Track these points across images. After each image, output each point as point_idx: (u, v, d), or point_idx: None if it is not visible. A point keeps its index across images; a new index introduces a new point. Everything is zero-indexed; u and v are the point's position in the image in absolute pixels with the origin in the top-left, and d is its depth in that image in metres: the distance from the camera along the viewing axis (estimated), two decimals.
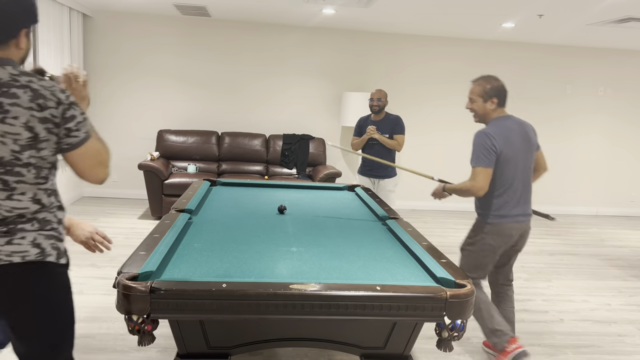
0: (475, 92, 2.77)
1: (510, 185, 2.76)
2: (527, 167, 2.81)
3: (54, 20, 5.39)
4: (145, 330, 1.74)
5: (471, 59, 6.98)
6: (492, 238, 2.81)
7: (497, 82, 2.75)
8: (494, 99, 2.74)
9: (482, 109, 2.78)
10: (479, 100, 2.76)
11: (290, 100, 6.82)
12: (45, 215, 1.60)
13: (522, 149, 2.75)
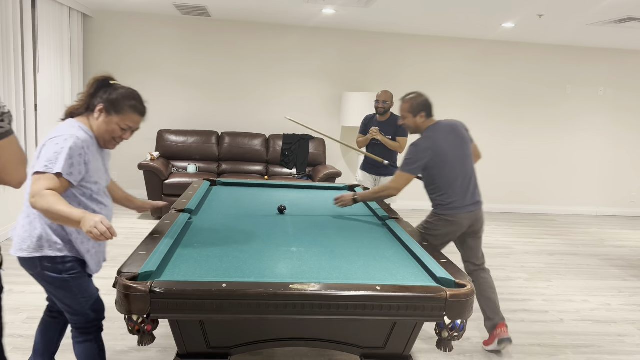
0: (405, 110, 3.05)
1: (455, 181, 2.98)
2: (465, 161, 3.03)
3: (54, 20, 5.39)
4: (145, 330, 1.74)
5: (471, 59, 6.98)
6: (444, 227, 3.02)
7: (421, 97, 3.04)
8: (422, 112, 3.02)
9: (414, 123, 3.05)
10: (409, 116, 3.04)
11: (290, 101, 6.82)
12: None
13: (457, 147, 3.02)
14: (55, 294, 2.04)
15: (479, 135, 7.15)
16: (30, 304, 3.38)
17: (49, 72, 5.35)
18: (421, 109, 3.01)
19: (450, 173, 2.96)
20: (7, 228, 4.75)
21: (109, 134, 2.04)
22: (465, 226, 3.03)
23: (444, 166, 2.94)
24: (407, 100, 3.03)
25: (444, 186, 2.97)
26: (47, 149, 1.91)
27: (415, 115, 3.02)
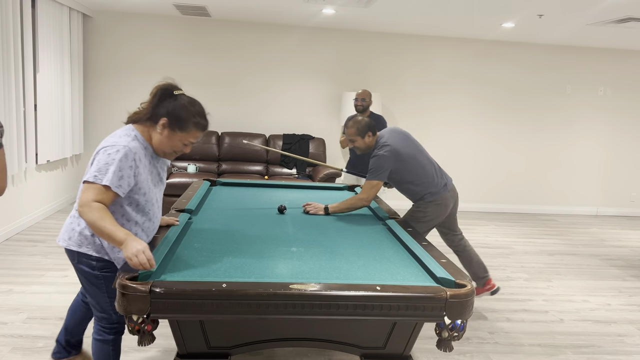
0: (352, 134, 3.28)
1: (425, 169, 3.30)
2: (422, 151, 3.38)
3: (54, 20, 5.38)
4: (145, 330, 1.74)
5: (471, 59, 6.98)
6: (434, 211, 3.32)
7: (364, 119, 3.28)
8: (369, 132, 3.27)
9: (364, 144, 3.29)
10: (358, 139, 3.28)
11: (290, 100, 6.82)
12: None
13: (409, 142, 3.32)
14: (86, 288, 2.12)
15: (478, 135, 7.16)
16: (31, 304, 3.38)
17: (49, 72, 5.35)
18: (367, 130, 3.26)
19: (418, 164, 3.27)
20: (6, 228, 4.75)
21: (170, 148, 2.05)
22: (450, 205, 3.37)
23: (410, 161, 3.24)
24: (352, 126, 3.27)
25: (420, 176, 3.27)
26: (99, 158, 1.93)
27: (363, 136, 3.26)
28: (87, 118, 6.55)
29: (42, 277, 3.86)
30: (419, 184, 3.28)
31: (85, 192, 1.87)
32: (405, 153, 3.22)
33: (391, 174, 3.24)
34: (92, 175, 1.89)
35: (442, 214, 3.36)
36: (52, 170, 5.77)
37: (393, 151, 3.18)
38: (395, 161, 3.19)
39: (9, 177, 4.73)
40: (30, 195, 5.21)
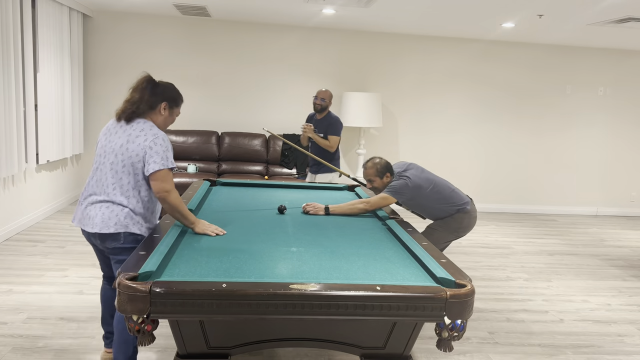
0: (371, 174, 3.40)
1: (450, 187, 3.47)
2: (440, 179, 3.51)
3: (54, 20, 5.38)
4: (145, 330, 1.74)
5: (471, 59, 6.98)
6: (468, 222, 3.48)
7: (382, 160, 3.43)
8: (387, 173, 3.39)
9: (382, 184, 3.40)
10: (377, 179, 3.40)
11: (290, 100, 6.82)
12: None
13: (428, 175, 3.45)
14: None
15: (478, 135, 7.16)
16: (31, 304, 3.38)
17: (49, 72, 5.35)
18: (386, 171, 3.38)
19: (442, 182, 3.46)
20: (6, 228, 4.75)
21: (170, 123, 2.57)
22: (475, 220, 3.52)
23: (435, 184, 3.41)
24: (371, 167, 3.40)
25: (449, 192, 3.44)
26: (156, 149, 2.33)
27: (382, 177, 3.38)
28: (87, 118, 6.55)
29: (42, 277, 3.86)
30: (449, 205, 3.43)
31: (165, 179, 2.31)
32: (425, 186, 3.36)
33: (416, 200, 3.40)
34: (161, 164, 2.31)
35: (471, 226, 3.51)
36: (52, 170, 5.77)
37: (414, 183, 3.32)
38: (414, 191, 3.32)
39: (8, 177, 4.73)
40: (30, 195, 5.21)
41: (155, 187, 2.31)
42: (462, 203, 3.44)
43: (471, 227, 3.51)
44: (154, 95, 2.45)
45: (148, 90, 2.46)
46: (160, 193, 2.31)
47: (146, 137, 2.35)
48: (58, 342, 2.90)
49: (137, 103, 2.43)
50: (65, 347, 2.85)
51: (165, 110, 2.48)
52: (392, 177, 3.40)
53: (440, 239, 3.47)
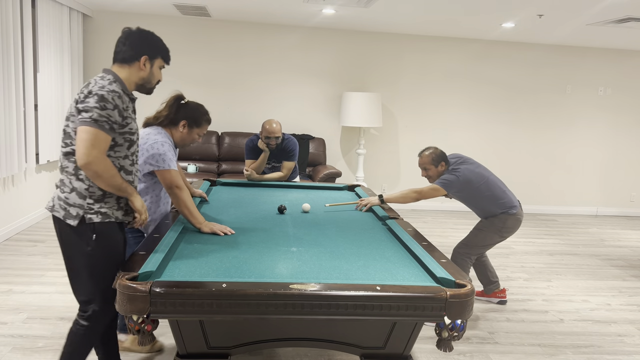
0: (427, 162, 3.48)
1: (501, 187, 3.55)
2: (492, 175, 3.60)
3: (54, 20, 5.38)
4: (145, 330, 1.74)
5: (471, 59, 6.98)
6: (513, 224, 3.54)
7: (438, 149, 3.50)
8: (442, 162, 3.48)
9: (436, 172, 3.49)
10: (432, 168, 3.48)
11: (290, 100, 6.81)
12: (64, 177, 2.04)
13: (481, 170, 3.52)
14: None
15: (478, 135, 7.15)
16: (31, 304, 3.38)
17: (49, 72, 5.35)
18: (441, 160, 3.47)
19: (494, 180, 3.52)
20: (6, 228, 4.75)
21: (189, 141, 2.74)
22: (520, 223, 3.58)
23: (487, 181, 3.48)
24: (427, 155, 3.48)
25: (500, 190, 3.51)
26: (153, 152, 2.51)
27: (437, 165, 3.47)
28: None
29: (42, 277, 3.86)
30: (497, 205, 3.50)
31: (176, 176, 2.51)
32: (476, 181, 3.44)
33: (464, 192, 3.48)
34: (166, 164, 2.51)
35: (515, 228, 3.57)
36: (52, 170, 5.77)
37: (465, 177, 3.40)
38: (463, 185, 3.41)
39: (8, 177, 4.73)
40: (30, 195, 5.21)
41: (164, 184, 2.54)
42: (510, 206, 3.51)
43: (515, 229, 3.57)
44: (177, 112, 2.67)
45: (174, 107, 2.68)
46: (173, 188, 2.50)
47: (147, 140, 2.56)
48: (58, 342, 2.90)
49: (161, 116, 2.68)
50: None
51: (185, 128, 2.68)
52: (447, 167, 3.48)
53: (486, 239, 3.57)
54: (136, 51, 2.13)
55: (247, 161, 4.14)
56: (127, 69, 2.12)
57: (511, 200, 3.54)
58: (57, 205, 2.04)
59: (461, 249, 3.63)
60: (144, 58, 2.15)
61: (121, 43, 2.12)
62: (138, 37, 2.17)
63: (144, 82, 2.19)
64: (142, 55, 2.14)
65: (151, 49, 2.21)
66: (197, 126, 2.71)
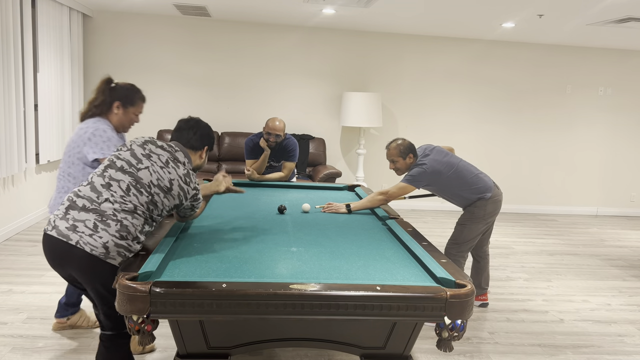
0: (394, 155, 3.39)
1: (472, 172, 3.47)
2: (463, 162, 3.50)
3: (54, 20, 5.38)
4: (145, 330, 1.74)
5: (471, 59, 6.98)
6: (493, 207, 3.50)
7: (406, 141, 3.42)
8: (410, 154, 3.40)
9: (404, 165, 3.42)
10: (400, 160, 3.40)
11: (290, 100, 6.82)
12: (129, 225, 2.01)
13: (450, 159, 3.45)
14: None
15: (478, 135, 7.15)
16: (31, 304, 3.38)
17: (49, 72, 5.35)
18: (409, 152, 3.39)
19: (465, 167, 3.45)
20: (6, 228, 4.75)
21: (128, 122, 2.69)
22: (501, 203, 3.55)
23: (457, 168, 3.41)
24: (395, 147, 3.39)
25: (471, 175, 3.44)
26: (95, 140, 2.51)
27: (405, 157, 3.39)
28: None
29: (42, 277, 3.86)
30: (471, 191, 3.44)
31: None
32: (445, 171, 3.37)
33: (436, 185, 3.43)
34: (100, 153, 2.52)
35: (496, 211, 3.54)
36: (52, 170, 5.77)
37: (432, 169, 3.34)
38: (432, 177, 3.35)
39: (8, 177, 4.73)
40: (30, 195, 5.21)
41: None
42: (485, 189, 3.45)
43: (497, 211, 3.54)
44: (109, 95, 2.63)
45: (107, 92, 2.64)
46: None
47: (87, 130, 2.55)
48: (58, 342, 2.90)
49: (97, 104, 2.63)
50: (65, 347, 2.85)
51: (120, 109, 2.63)
52: (415, 159, 3.41)
53: (472, 232, 3.51)
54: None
55: (248, 161, 4.17)
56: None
57: (486, 183, 3.47)
58: (113, 252, 1.97)
59: (452, 249, 3.57)
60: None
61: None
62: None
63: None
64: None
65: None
66: (132, 105, 2.66)
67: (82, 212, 2.00)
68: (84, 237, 1.96)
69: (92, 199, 2.02)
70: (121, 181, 2.04)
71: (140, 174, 2.07)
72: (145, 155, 2.12)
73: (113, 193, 2.02)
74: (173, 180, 2.10)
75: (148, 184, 2.06)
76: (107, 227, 1.97)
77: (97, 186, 2.05)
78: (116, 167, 2.09)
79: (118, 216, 1.99)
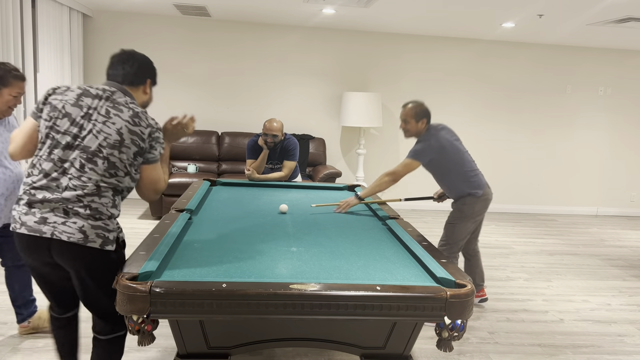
0: (409, 115, 3.34)
1: (474, 164, 3.48)
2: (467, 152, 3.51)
3: (54, 20, 5.38)
4: (145, 330, 1.74)
5: (471, 59, 6.98)
6: (481, 206, 3.46)
7: (424, 106, 3.37)
8: (424, 119, 3.35)
9: (415, 128, 3.37)
10: (412, 121, 3.35)
11: (290, 100, 6.82)
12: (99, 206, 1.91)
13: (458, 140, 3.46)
14: None
15: (478, 135, 7.15)
16: None
17: (49, 72, 5.35)
18: (424, 116, 3.33)
19: (468, 158, 3.42)
20: None
21: (4, 105, 2.57)
22: (489, 202, 3.51)
23: (461, 155, 3.37)
24: (412, 108, 3.33)
25: (470, 168, 3.41)
26: None
27: (418, 121, 3.33)
28: None
29: None
30: (466, 184, 3.40)
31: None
32: (450, 150, 3.32)
33: (437, 164, 3.36)
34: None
35: (485, 209, 3.51)
36: None
37: (439, 144, 3.28)
38: (437, 153, 3.28)
39: None
40: None
41: None
42: (478, 186, 3.41)
43: (485, 210, 3.53)
44: None
45: None
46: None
47: None
48: None
49: None
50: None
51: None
52: (427, 127, 3.36)
53: (462, 231, 3.47)
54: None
55: (248, 161, 4.20)
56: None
57: (480, 181, 3.44)
58: (92, 235, 1.89)
59: (445, 251, 3.53)
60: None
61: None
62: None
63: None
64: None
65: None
66: (5, 85, 2.52)
67: (45, 203, 1.87)
68: (57, 227, 1.86)
69: (51, 188, 1.89)
70: (73, 160, 1.89)
71: (87, 142, 1.90)
72: (85, 116, 1.92)
73: (70, 177, 1.88)
74: (120, 129, 1.92)
75: (98, 149, 1.90)
76: (77, 213, 1.87)
77: (51, 173, 1.90)
78: (61, 145, 1.90)
79: (84, 201, 1.88)
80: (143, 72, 2.10)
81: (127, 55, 2.08)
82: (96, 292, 1.98)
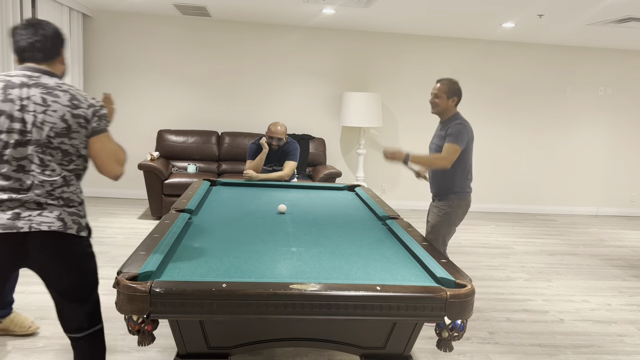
0: (442, 90, 3.31)
1: (470, 173, 3.43)
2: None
3: (54, 20, 5.38)
4: (145, 330, 1.74)
5: (471, 59, 6.98)
6: (462, 212, 3.42)
7: (458, 84, 3.34)
8: (455, 97, 3.33)
9: (445, 104, 3.33)
10: (443, 97, 3.31)
11: (290, 100, 6.82)
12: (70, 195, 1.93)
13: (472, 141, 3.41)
14: None
15: (478, 135, 7.15)
16: (30, 304, 3.38)
17: None
18: (455, 94, 3.31)
19: (470, 159, 3.39)
20: None
21: None
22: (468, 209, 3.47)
23: (470, 153, 3.35)
24: (446, 83, 3.32)
25: (468, 171, 3.38)
26: None
27: (449, 98, 3.30)
28: None
29: None
30: (462, 182, 3.37)
31: None
32: (470, 144, 3.32)
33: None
34: None
35: (464, 216, 3.47)
36: None
37: (471, 133, 3.29)
38: (468, 142, 3.27)
39: None
40: None
41: None
42: (469, 188, 3.42)
43: (464, 216, 3.48)
44: None
45: None
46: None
47: None
48: (58, 342, 2.90)
49: None
50: (66, 347, 2.85)
51: None
52: (455, 107, 3.34)
53: (447, 235, 3.44)
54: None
55: (248, 162, 4.25)
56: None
57: (470, 186, 3.44)
58: (69, 221, 1.91)
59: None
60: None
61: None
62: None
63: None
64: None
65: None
66: None
67: (14, 201, 1.83)
68: (33, 219, 1.83)
69: (14, 188, 1.83)
70: (30, 157, 1.84)
71: (35, 135, 1.83)
72: (21, 109, 1.83)
73: (34, 174, 1.84)
74: (64, 116, 1.86)
75: (47, 140, 1.84)
76: (52, 204, 1.88)
77: (10, 174, 1.83)
78: (10, 144, 1.82)
79: (55, 194, 1.89)
80: (56, 44, 1.97)
81: (34, 29, 1.92)
82: (77, 278, 2.00)
